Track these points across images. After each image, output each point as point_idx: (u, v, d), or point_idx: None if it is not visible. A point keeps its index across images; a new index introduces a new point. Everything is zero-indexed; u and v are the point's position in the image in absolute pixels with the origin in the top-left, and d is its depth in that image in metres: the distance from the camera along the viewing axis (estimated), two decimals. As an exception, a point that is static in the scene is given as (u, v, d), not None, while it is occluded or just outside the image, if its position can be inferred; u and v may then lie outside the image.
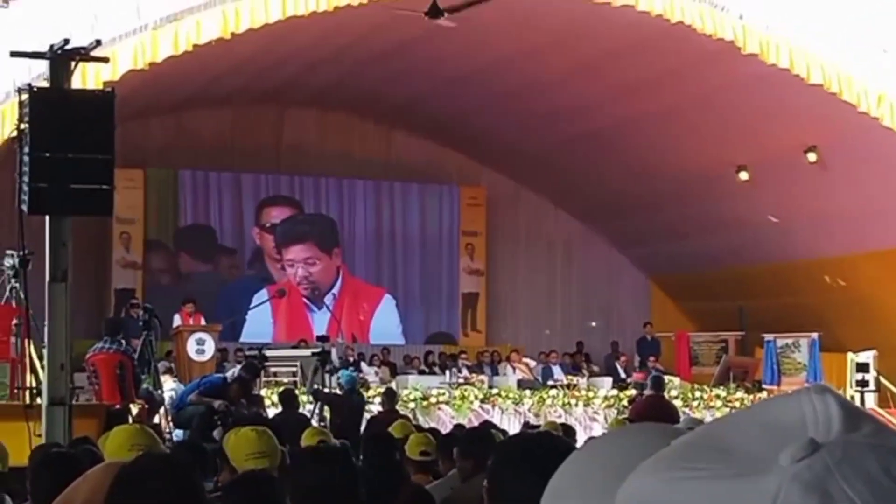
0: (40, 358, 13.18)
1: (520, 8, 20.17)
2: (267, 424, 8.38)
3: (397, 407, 17.83)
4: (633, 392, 22.60)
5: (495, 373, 24.66)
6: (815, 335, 24.87)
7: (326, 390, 17.69)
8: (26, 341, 13.71)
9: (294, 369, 21.20)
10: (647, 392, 17.40)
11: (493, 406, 21.59)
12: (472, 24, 19.55)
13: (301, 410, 16.76)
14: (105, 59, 14.22)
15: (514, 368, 24.53)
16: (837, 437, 0.92)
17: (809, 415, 0.94)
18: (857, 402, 19.12)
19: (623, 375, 25.22)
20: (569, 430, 12.52)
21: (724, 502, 0.92)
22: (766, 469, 0.91)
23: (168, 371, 18.86)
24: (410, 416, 18.45)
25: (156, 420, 15.41)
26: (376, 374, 23.85)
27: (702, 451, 0.96)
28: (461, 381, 22.65)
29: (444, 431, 12.16)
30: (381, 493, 6.19)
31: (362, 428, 16.49)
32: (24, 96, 11.46)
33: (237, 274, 27.80)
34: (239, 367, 21.30)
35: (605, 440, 1.17)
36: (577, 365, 26.36)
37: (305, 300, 27.75)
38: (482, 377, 23.28)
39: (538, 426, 15.45)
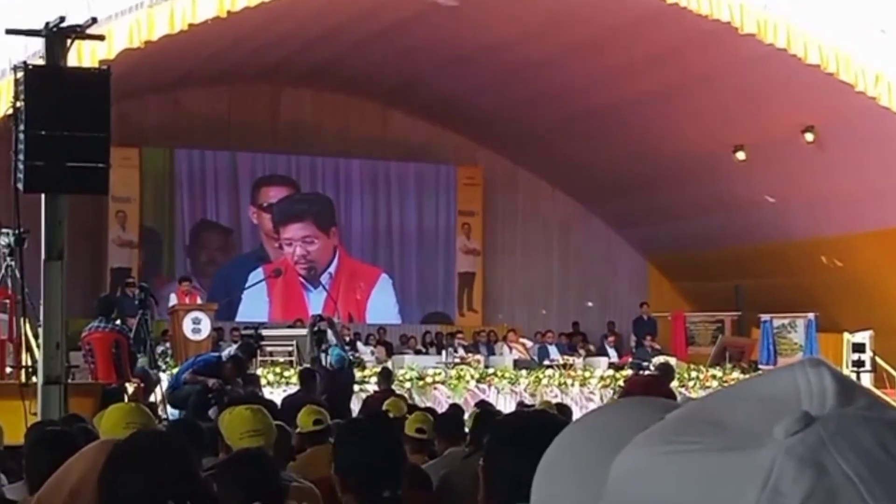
0: (36, 337, 13.20)
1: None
2: (264, 403, 8.39)
3: (393, 387, 17.86)
4: (629, 372, 22.63)
5: (492, 353, 24.68)
6: (811, 315, 24.90)
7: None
8: (22, 320, 13.71)
9: (290, 349, 21.20)
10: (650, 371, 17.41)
11: (489, 386, 21.60)
12: (469, 5, 19.52)
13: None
14: (101, 37, 14.21)
15: (510, 348, 24.55)
16: (832, 411, 0.91)
17: (804, 388, 0.93)
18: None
19: (613, 355, 25.23)
20: (564, 410, 12.53)
21: (718, 476, 0.91)
22: (760, 443, 0.91)
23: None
24: (406, 395, 18.46)
25: (151, 399, 15.41)
26: (372, 353, 23.86)
27: (695, 425, 0.95)
28: (457, 360, 22.66)
29: (440, 411, 12.19)
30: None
31: (352, 406, 16.60)
32: (20, 74, 11.47)
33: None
34: (235, 346, 21.36)
35: (599, 414, 1.17)
36: (574, 345, 26.38)
37: (302, 279, 27.76)
38: (478, 357, 23.30)
39: (533, 405, 15.47)
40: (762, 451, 0.90)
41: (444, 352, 23.64)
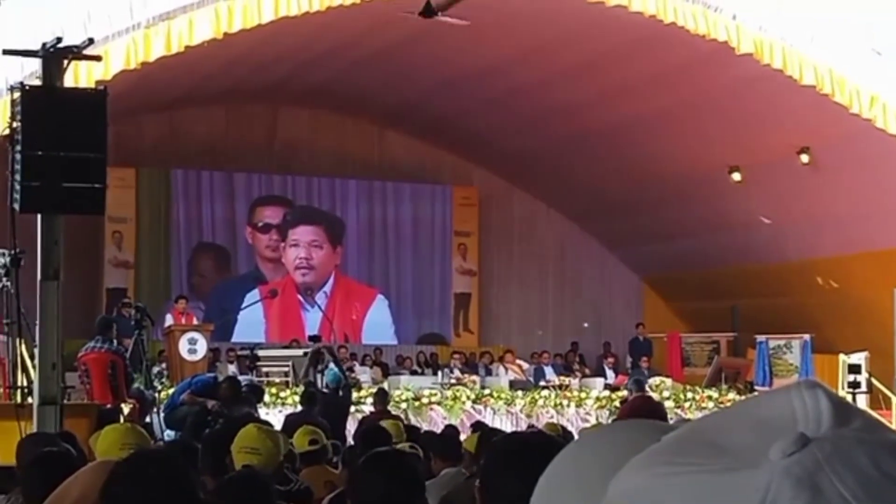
0: (31, 357, 13.17)
1: (512, 10, 20.18)
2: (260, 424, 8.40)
3: (389, 408, 17.83)
4: (624, 393, 22.60)
5: (488, 373, 24.64)
6: (807, 336, 24.89)
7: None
8: (18, 340, 13.69)
9: (286, 369, 21.18)
10: (635, 394, 17.40)
11: (486, 407, 21.57)
12: (465, 27, 19.54)
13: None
14: (98, 58, 14.22)
15: (506, 369, 24.52)
16: (827, 432, 0.92)
17: (799, 409, 0.94)
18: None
19: (611, 376, 25.20)
20: (566, 433, 12.52)
21: (715, 497, 0.92)
22: (757, 464, 0.91)
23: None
24: (402, 416, 18.43)
25: (147, 420, 15.38)
26: (370, 374, 23.80)
27: (692, 446, 0.96)
28: (453, 381, 22.62)
29: (436, 432, 12.18)
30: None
31: (348, 426, 16.60)
32: (17, 94, 11.46)
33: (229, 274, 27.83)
34: (231, 366, 21.32)
35: (598, 434, 1.18)
36: (570, 365, 26.35)
37: (299, 297, 27.72)
38: (474, 378, 23.26)
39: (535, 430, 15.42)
40: (759, 473, 0.91)
41: (440, 372, 23.60)
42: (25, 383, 13.28)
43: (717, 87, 21.99)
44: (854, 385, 22.88)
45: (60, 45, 11.93)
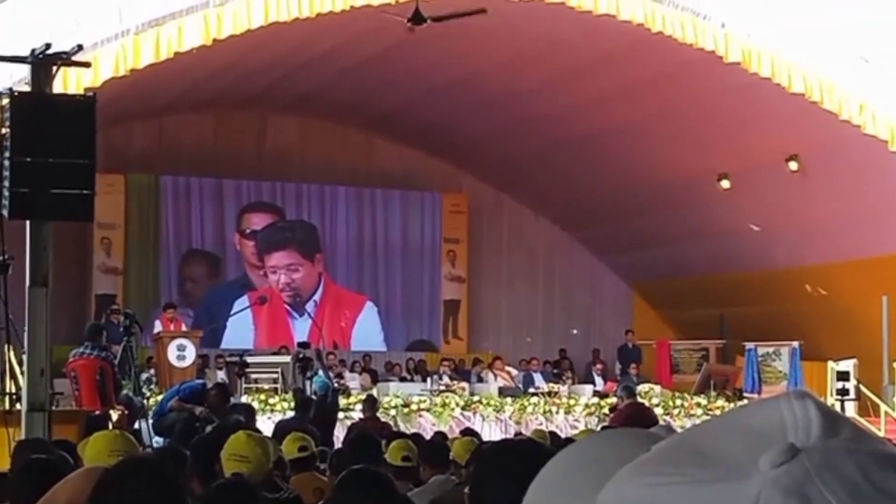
0: (20, 363, 13.15)
1: (502, 17, 20.18)
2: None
3: (378, 414, 17.81)
4: (614, 400, 22.59)
5: (480, 380, 24.61)
6: (795, 344, 24.89)
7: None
8: (6, 347, 13.66)
9: (275, 376, 21.16)
10: (626, 400, 17.43)
11: (475, 413, 21.55)
12: (453, 33, 19.56)
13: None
14: (87, 64, 14.22)
15: (495, 376, 24.49)
16: (817, 442, 0.92)
17: (789, 419, 0.94)
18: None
19: (600, 383, 25.19)
20: (555, 439, 12.51)
21: (705, 507, 0.92)
22: (746, 474, 0.91)
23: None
24: (391, 423, 18.41)
25: (136, 426, 15.34)
26: (359, 381, 23.79)
27: (682, 457, 0.96)
28: (442, 388, 22.60)
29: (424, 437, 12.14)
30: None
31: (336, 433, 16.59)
32: (6, 101, 11.46)
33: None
34: (220, 372, 21.27)
35: (588, 443, 1.18)
36: (559, 372, 26.32)
37: (287, 307, 27.71)
38: (463, 384, 23.22)
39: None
40: (748, 483, 0.91)
41: (429, 379, 23.58)
42: (14, 390, 13.26)
43: (706, 94, 22.02)
44: (842, 392, 22.90)
45: (49, 52, 11.93)
